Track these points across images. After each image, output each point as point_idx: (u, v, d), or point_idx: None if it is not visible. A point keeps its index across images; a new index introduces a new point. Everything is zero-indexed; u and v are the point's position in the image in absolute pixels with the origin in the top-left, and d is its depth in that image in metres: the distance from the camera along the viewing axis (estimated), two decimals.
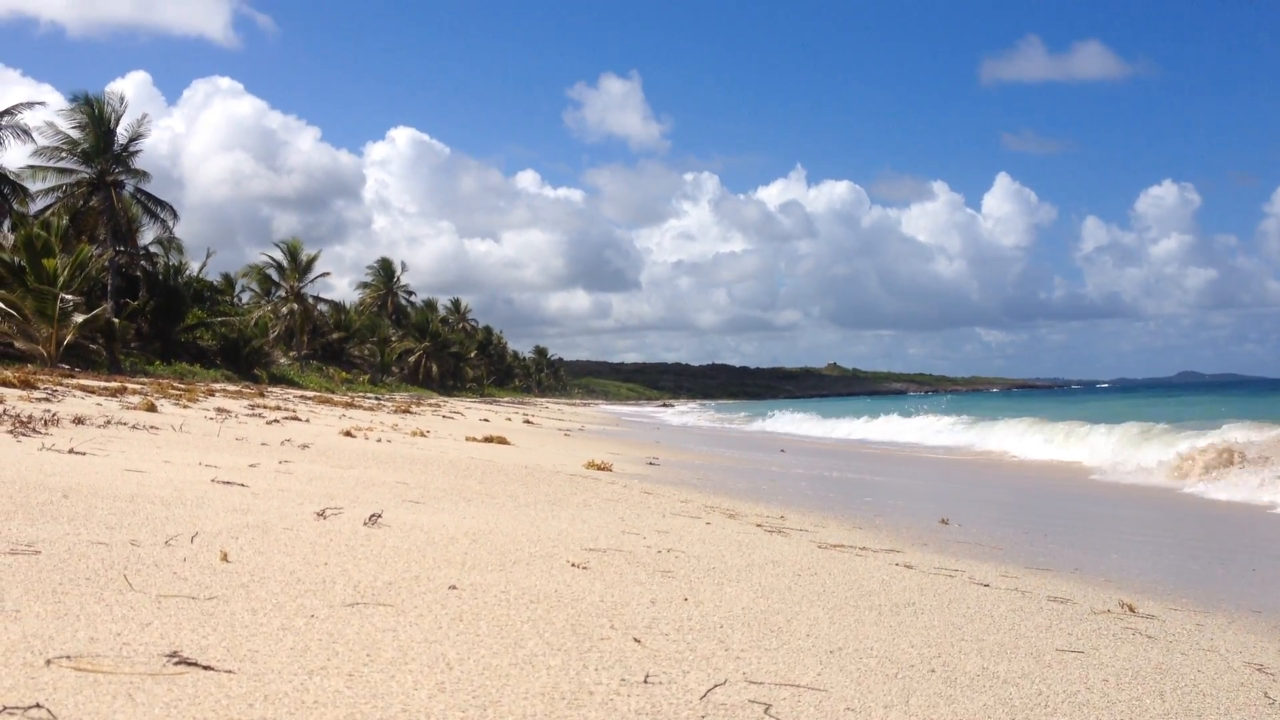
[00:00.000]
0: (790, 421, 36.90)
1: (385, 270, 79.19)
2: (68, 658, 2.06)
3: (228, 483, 5.17)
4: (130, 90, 39.67)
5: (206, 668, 2.09)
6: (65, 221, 35.20)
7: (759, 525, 6.11)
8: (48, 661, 2.03)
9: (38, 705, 1.81)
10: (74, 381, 15.59)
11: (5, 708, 1.78)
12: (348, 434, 11.01)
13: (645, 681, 2.38)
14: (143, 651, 2.16)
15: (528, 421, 25.33)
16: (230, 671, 2.10)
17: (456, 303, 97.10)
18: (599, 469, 9.75)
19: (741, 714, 2.25)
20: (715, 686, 2.41)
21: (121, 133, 38.10)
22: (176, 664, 2.10)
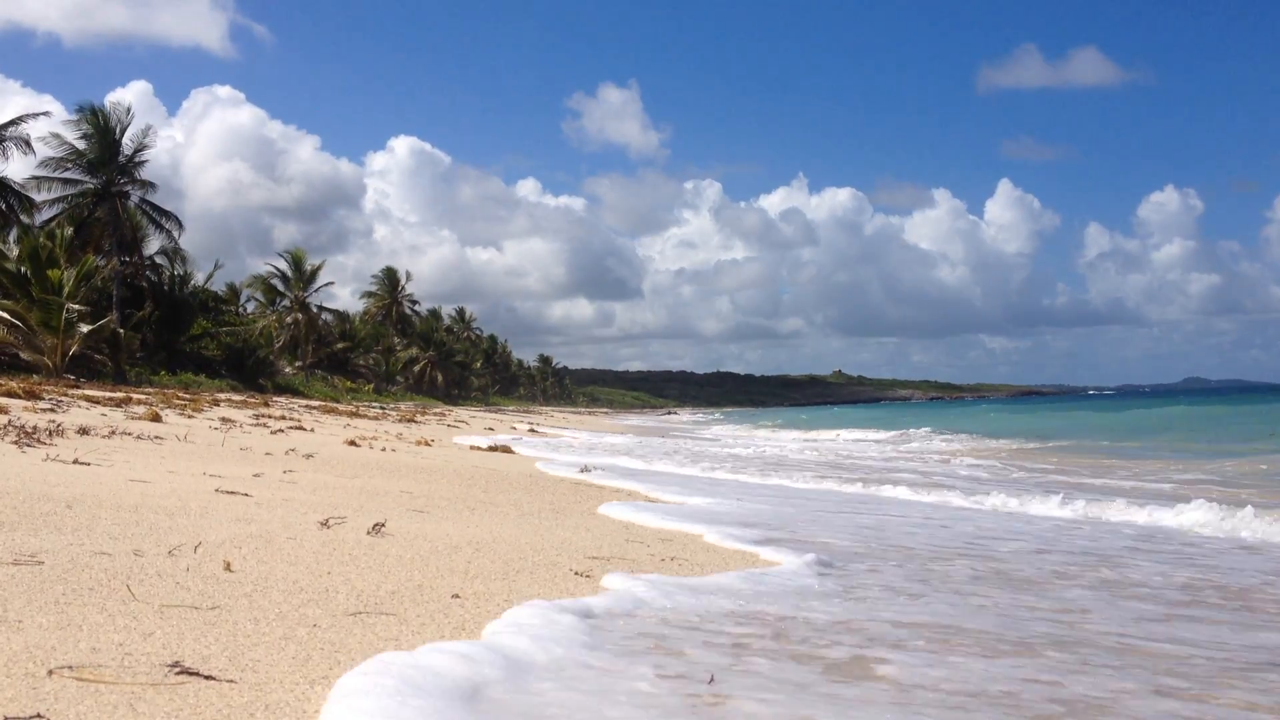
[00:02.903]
0: None
1: (390, 279, 79.16)
2: (70, 668, 2.06)
3: (232, 493, 5.17)
4: (132, 100, 39.35)
5: (208, 677, 2.09)
6: (70, 232, 35.30)
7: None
8: (50, 672, 2.03)
9: (39, 715, 1.80)
10: (79, 392, 15.62)
11: (7, 718, 1.78)
12: (352, 443, 11.01)
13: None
14: (145, 661, 2.16)
15: (532, 430, 25.33)
16: (232, 681, 2.09)
17: (461, 312, 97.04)
18: None
19: None
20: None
21: (127, 143, 38.13)
22: (178, 674, 2.09)
